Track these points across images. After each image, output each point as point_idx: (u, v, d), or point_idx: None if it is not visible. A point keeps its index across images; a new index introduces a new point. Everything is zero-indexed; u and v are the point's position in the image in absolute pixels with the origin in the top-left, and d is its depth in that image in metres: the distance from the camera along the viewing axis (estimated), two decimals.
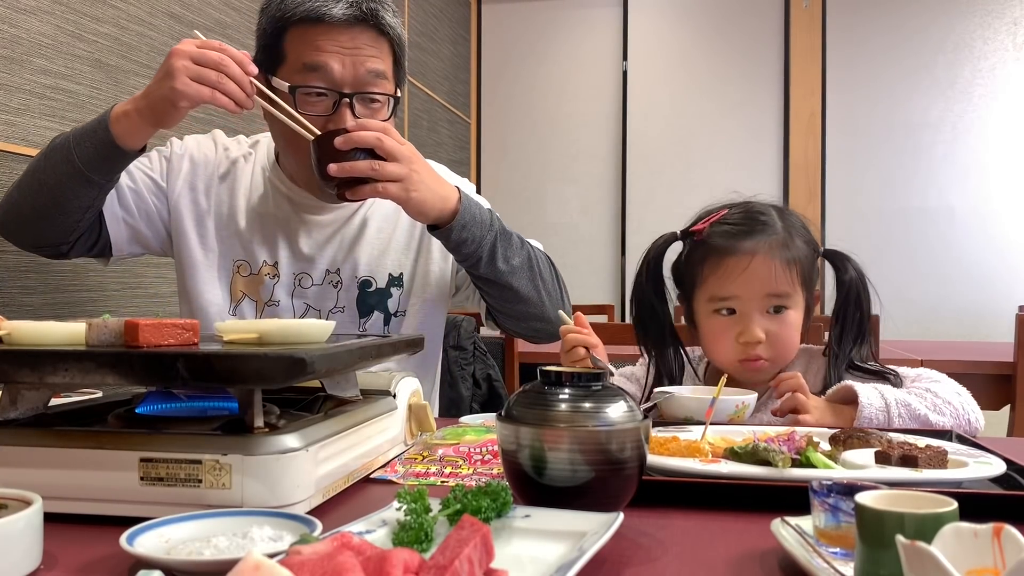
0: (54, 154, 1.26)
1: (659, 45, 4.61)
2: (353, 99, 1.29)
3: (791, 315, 1.26)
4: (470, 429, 1.10)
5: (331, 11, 1.27)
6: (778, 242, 1.26)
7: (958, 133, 4.24)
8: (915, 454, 0.85)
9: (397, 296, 1.48)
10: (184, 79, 1.12)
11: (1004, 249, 4.18)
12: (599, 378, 0.74)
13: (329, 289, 1.44)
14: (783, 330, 1.25)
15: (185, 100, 1.14)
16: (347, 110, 1.29)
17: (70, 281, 1.85)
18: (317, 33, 1.28)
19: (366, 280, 1.45)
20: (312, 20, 1.27)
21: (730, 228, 1.28)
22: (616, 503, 0.72)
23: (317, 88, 1.28)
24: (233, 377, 0.74)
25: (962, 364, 2.33)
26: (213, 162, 1.47)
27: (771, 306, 1.25)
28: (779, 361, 1.28)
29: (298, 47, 1.29)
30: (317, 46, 1.27)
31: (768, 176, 4.44)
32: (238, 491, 0.70)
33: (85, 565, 0.63)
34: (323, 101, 1.29)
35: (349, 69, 1.28)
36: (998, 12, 4.21)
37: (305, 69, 1.28)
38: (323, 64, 1.27)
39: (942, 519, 0.51)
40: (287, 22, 1.29)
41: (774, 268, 1.24)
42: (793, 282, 1.25)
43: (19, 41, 1.69)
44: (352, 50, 1.28)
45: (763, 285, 1.24)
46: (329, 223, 1.45)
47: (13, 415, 0.81)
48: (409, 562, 0.50)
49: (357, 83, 1.29)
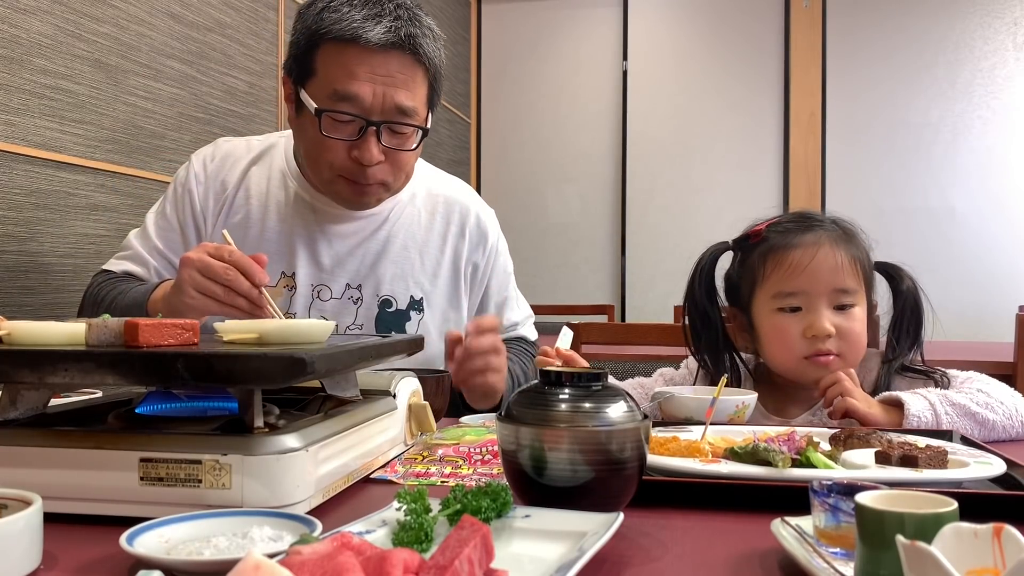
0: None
1: (659, 45, 4.61)
2: (380, 127, 1.27)
3: (858, 312, 1.25)
4: (470, 429, 1.10)
5: (368, 34, 1.23)
6: (840, 237, 1.26)
7: (958, 133, 4.24)
8: (915, 454, 0.85)
9: (416, 320, 1.47)
10: (192, 292, 1.08)
11: (1004, 249, 4.18)
12: (599, 378, 0.74)
13: (348, 304, 1.43)
14: (852, 325, 1.23)
15: (194, 313, 1.09)
16: (373, 138, 1.27)
17: (70, 281, 1.85)
18: (351, 55, 1.25)
19: (387, 299, 1.44)
20: (347, 40, 1.24)
21: (788, 226, 1.29)
22: (616, 503, 0.72)
23: (344, 114, 1.26)
24: (233, 377, 0.74)
25: (962, 364, 2.32)
26: (219, 179, 1.44)
27: (838, 302, 1.24)
28: (849, 358, 1.25)
29: (330, 67, 1.26)
30: (350, 71, 1.25)
31: (768, 176, 4.44)
32: (238, 491, 0.70)
33: (85, 565, 0.63)
34: (349, 126, 1.27)
35: (379, 99, 1.26)
36: (998, 12, 4.20)
37: (336, 95, 1.25)
38: (354, 95, 1.25)
39: (942, 519, 0.51)
40: (321, 37, 1.26)
41: (840, 261, 1.23)
42: (858, 277, 1.25)
43: (19, 41, 1.69)
44: (384, 77, 1.26)
45: (830, 278, 1.23)
46: (352, 234, 1.43)
47: (13, 415, 0.81)
48: (409, 562, 0.50)
49: (386, 113, 1.27)
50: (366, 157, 1.28)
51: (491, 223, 1.57)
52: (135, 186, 2.05)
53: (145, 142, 2.08)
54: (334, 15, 1.25)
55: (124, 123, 2.00)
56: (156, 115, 2.11)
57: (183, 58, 2.22)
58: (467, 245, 1.52)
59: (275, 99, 2.71)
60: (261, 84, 2.62)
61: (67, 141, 1.83)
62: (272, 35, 2.69)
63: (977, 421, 1.11)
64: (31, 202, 1.74)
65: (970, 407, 1.12)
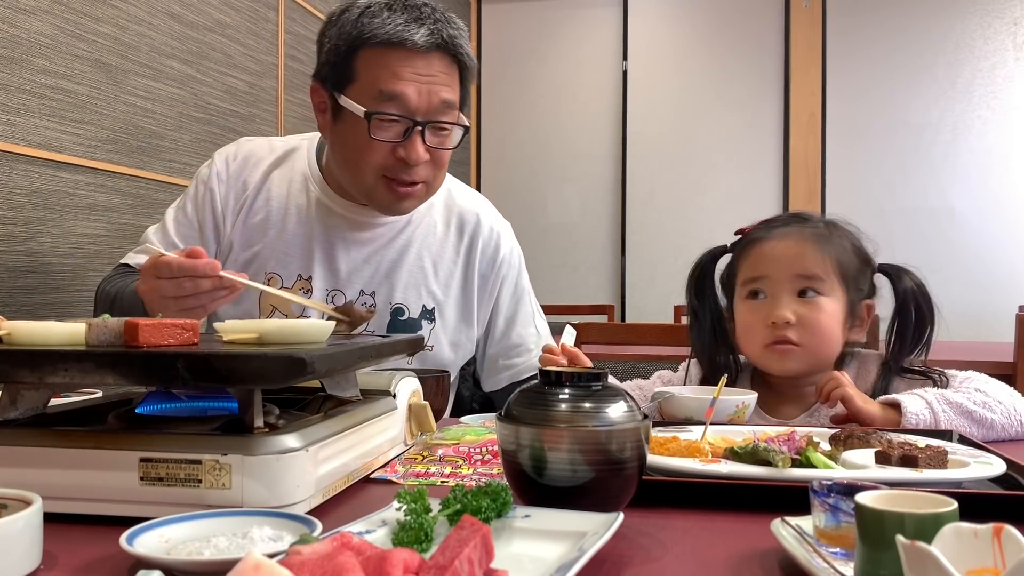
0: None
1: (659, 45, 4.61)
2: (426, 127, 1.29)
3: (823, 301, 1.24)
4: (470, 429, 1.10)
5: (413, 37, 1.26)
6: (815, 232, 1.27)
7: (958, 133, 4.24)
8: (915, 454, 0.85)
9: (428, 330, 1.47)
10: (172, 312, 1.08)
11: (1004, 249, 4.18)
12: (599, 378, 0.74)
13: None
14: (814, 314, 1.23)
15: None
16: (418, 138, 1.29)
17: (70, 281, 1.85)
18: (395, 58, 1.27)
19: (399, 308, 1.45)
20: (392, 43, 1.26)
21: (774, 223, 1.32)
22: (616, 503, 0.72)
23: (392, 115, 1.27)
24: (233, 377, 0.74)
25: (962, 364, 2.32)
26: (240, 179, 1.45)
27: (801, 288, 1.24)
28: (811, 349, 1.24)
29: (374, 70, 1.28)
30: (394, 72, 1.26)
31: (768, 176, 4.44)
32: (238, 491, 0.70)
33: (85, 565, 0.63)
34: (395, 127, 1.29)
35: (424, 98, 1.28)
36: (998, 12, 4.20)
37: (381, 96, 1.27)
38: (400, 93, 1.26)
39: (942, 519, 0.51)
40: (364, 42, 1.27)
41: (804, 249, 1.24)
42: (826, 268, 1.24)
43: (19, 41, 1.69)
44: (427, 77, 1.28)
45: (791, 264, 1.23)
46: (369, 241, 1.44)
47: (13, 415, 0.81)
48: (409, 562, 0.50)
49: (430, 112, 1.29)
50: (413, 156, 1.29)
51: (505, 237, 1.58)
52: (135, 186, 2.05)
53: (145, 142, 2.08)
54: (376, 20, 1.27)
55: (124, 123, 2.00)
56: (156, 115, 2.12)
57: (183, 58, 2.22)
58: (478, 257, 1.53)
59: (275, 99, 2.71)
60: (261, 84, 2.62)
61: (67, 141, 1.83)
62: (272, 35, 2.69)
63: (975, 420, 1.11)
64: (31, 202, 1.74)
65: (967, 406, 1.12)
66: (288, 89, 2.79)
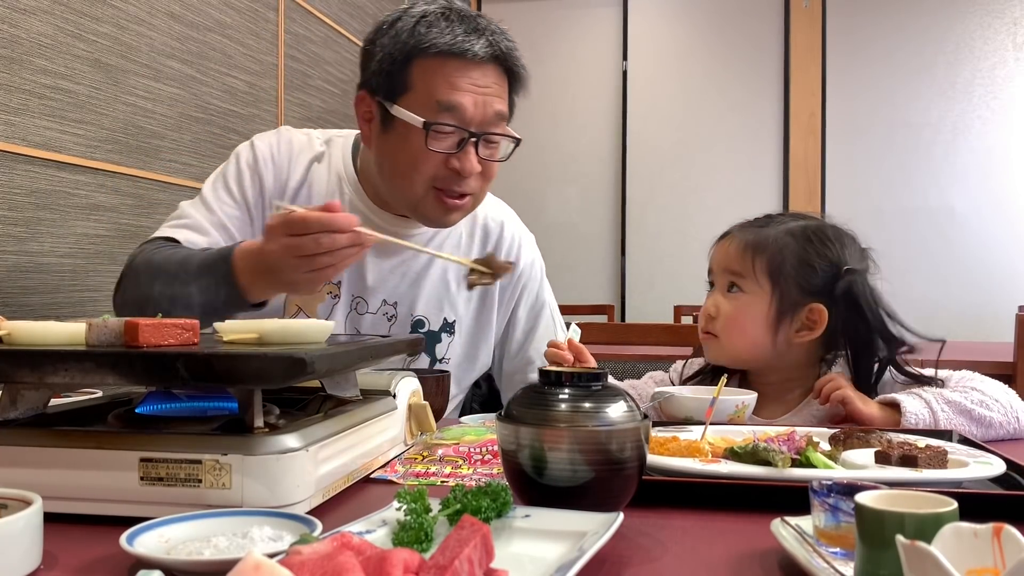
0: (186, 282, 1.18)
1: (659, 45, 4.61)
2: (479, 139, 1.28)
3: (744, 298, 1.29)
4: (470, 429, 1.10)
5: (473, 47, 1.25)
6: (760, 235, 1.30)
7: (958, 133, 4.24)
8: (915, 454, 0.85)
9: (447, 343, 1.47)
10: (302, 276, 1.07)
11: (1004, 249, 4.18)
12: (599, 378, 0.74)
13: (382, 321, 1.42)
14: (728, 307, 1.29)
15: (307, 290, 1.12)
16: (472, 149, 1.28)
17: (70, 281, 1.85)
18: (452, 69, 1.25)
19: (420, 320, 1.44)
20: (450, 53, 1.25)
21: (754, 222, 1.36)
22: (616, 503, 0.72)
23: (449, 125, 1.26)
24: (233, 377, 0.74)
25: (962, 364, 2.31)
26: (286, 169, 1.41)
27: (727, 282, 1.31)
28: (724, 340, 1.30)
29: (430, 80, 1.26)
30: (452, 83, 1.25)
31: (768, 176, 4.44)
32: (238, 491, 0.70)
33: (85, 565, 0.63)
34: (450, 138, 1.27)
35: (480, 109, 1.27)
36: (998, 12, 4.20)
37: (439, 107, 1.25)
38: (458, 104, 1.25)
39: (942, 519, 0.51)
40: (422, 52, 1.26)
41: (733, 249, 1.31)
42: (751, 267, 1.28)
43: (19, 41, 1.69)
44: (483, 88, 1.27)
45: (723, 261, 1.32)
46: (398, 251, 1.42)
47: (13, 415, 0.81)
48: (409, 562, 0.50)
49: (484, 123, 1.28)
50: (467, 167, 1.28)
51: (526, 247, 1.57)
52: (135, 186, 2.05)
53: (145, 142, 2.08)
54: (434, 30, 1.26)
55: (124, 123, 2.00)
56: (156, 115, 2.12)
57: (183, 58, 2.22)
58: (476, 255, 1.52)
59: (275, 99, 2.71)
60: (261, 84, 2.62)
61: (67, 141, 1.83)
62: (272, 35, 2.69)
63: (974, 418, 1.12)
64: (31, 202, 1.74)
65: (965, 404, 1.12)
66: (288, 89, 2.79)
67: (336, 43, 3.16)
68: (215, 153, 2.37)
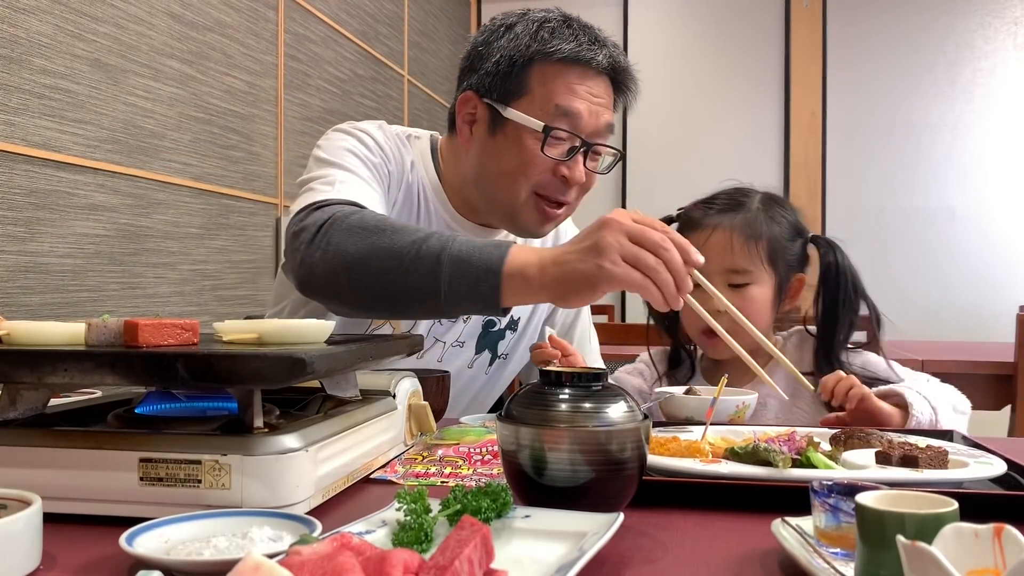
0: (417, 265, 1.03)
1: (659, 44, 4.61)
2: (590, 148, 1.27)
3: (753, 291, 1.30)
4: (470, 429, 1.10)
5: (597, 57, 1.25)
6: (745, 219, 1.31)
7: (958, 133, 4.24)
8: (915, 454, 0.85)
9: (509, 339, 1.47)
10: (616, 257, 0.93)
11: (1004, 249, 4.18)
12: (599, 378, 0.74)
13: (459, 322, 1.42)
14: (744, 304, 1.26)
15: (609, 284, 0.93)
16: (581, 157, 1.27)
17: (70, 281, 1.85)
18: (574, 76, 1.25)
19: (491, 320, 1.44)
20: (573, 61, 1.25)
21: (706, 206, 1.35)
22: (616, 503, 0.72)
23: (566, 131, 1.25)
24: (233, 377, 0.74)
25: (962, 364, 2.33)
26: (398, 159, 1.36)
27: (730, 281, 1.29)
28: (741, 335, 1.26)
29: (550, 85, 1.25)
30: (572, 90, 1.25)
31: (768, 176, 4.43)
32: (238, 491, 0.70)
33: (85, 565, 0.63)
34: (563, 145, 1.26)
35: (593, 118, 1.26)
36: (998, 12, 4.20)
37: (557, 111, 1.24)
38: (576, 111, 1.24)
39: (943, 519, 0.51)
40: (545, 56, 1.25)
41: (732, 242, 1.29)
42: (755, 258, 1.29)
43: (19, 41, 1.69)
44: (596, 99, 1.27)
45: (721, 259, 1.29)
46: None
47: (13, 415, 0.81)
48: (409, 562, 0.50)
49: (595, 133, 1.27)
50: (576, 175, 1.27)
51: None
52: (135, 186, 2.05)
53: (145, 142, 2.08)
54: (557, 36, 1.25)
55: (124, 123, 2.00)
56: (156, 115, 2.11)
57: (183, 58, 2.22)
58: None
59: (275, 99, 2.71)
60: (261, 84, 2.62)
61: (67, 141, 1.83)
62: (272, 35, 2.69)
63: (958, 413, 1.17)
64: (31, 202, 1.74)
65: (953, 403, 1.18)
66: (288, 89, 2.78)
67: (336, 43, 3.16)
68: (215, 153, 2.37)
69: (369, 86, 3.45)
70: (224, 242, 2.44)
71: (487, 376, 1.49)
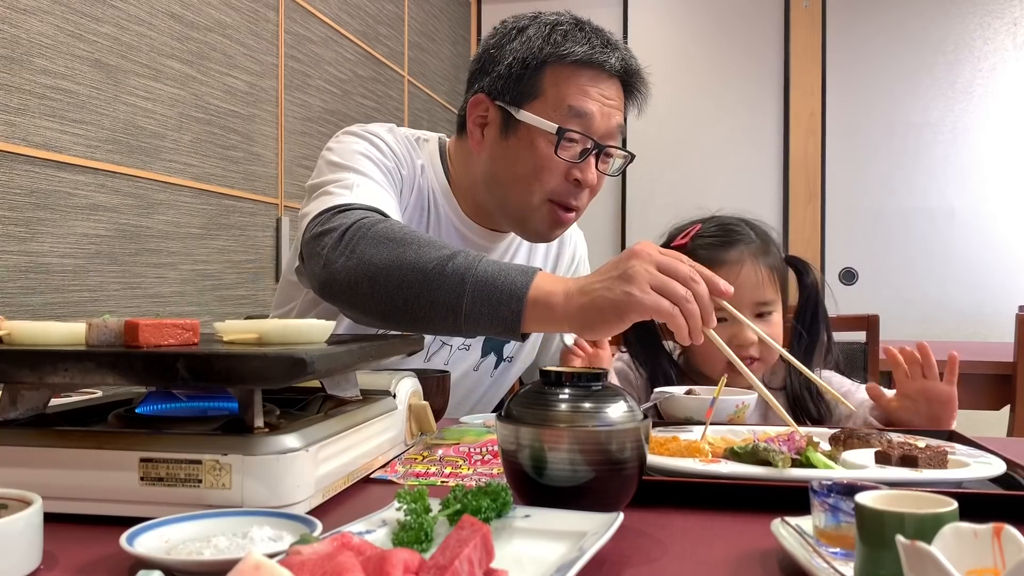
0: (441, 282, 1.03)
1: (659, 45, 4.61)
2: (602, 151, 1.28)
3: (776, 317, 1.35)
4: (470, 429, 1.10)
5: (609, 59, 1.26)
6: (760, 250, 1.35)
7: (958, 133, 4.24)
8: (915, 454, 0.85)
9: (514, 343, 1.47)
10: (645, 286, 0.91)
11: (1004, 249, 4.18)
12: (599, 378, 0.74)
13: None
14: (771, 331, 1.33)
15: (639, 312, 0.92)
16: (593, 160, 1.27)
17: (70, 281, 1.85)
18: (587, 78, 1.25)
19: None
20: (586, 63, 1.25)
21: (712, 240, 1.36)
22: (616, 503, 0.72)
23: (578, 133, 1.25)
24: (233, 377, 0.74)
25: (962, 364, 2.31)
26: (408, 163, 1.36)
27: (758, 312, 1.33)
28: (769, 360, 1.35)
29: (563, 87, 1.25)
30: (585, 92, 1.25)
31: (768, 176, 4.44)
32: (238, 491, 0.70)
33: (85, 565, 0.63)
34: (576, 147, 1.26)
35: (604, 120, 1.26)
36: (998, 12, 4.20)
37: (570, 113, 1.24)
38: (589, 112, 1.24)
39: (942, 519, 0.51)
40: (559, 58, 1.25)
41: (760, 276, 1.32)
42: (776, 286, 1.35)
43: (19, 41, 1.69)
44: (608, 101, 1.27)
45: (751, 293, 1.32)
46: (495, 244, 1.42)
47: (13, 415, 0.81)
48: (409, 562, 0.50)
49: (606, 135, 1.28)
50: (588, 178, 1.27)
51: (580, 245, 1.61)
52: (135, 186, 2.05)
53: (145, 142, 2.08)
54: (570, 39, 1.25)
55: (124, 123, 2.00)
56: (156, 115, 2.12)
57: (183, 58, 2.22)
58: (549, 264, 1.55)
59: (275, 99, 2.71)
60: (261, 84, 2.62)
61: (67, 141, 1.83)
62: (272, 35, 2.69)
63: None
64: (31, 202, 1.74)
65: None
66: (288, 89, 2.78)
67: (336, 43, 3.16)
68: (215, 153, 2.37)
69: (369, 86, 3.45)
70: (225, 242, 2.44)
71: (492, 378, 1.50)
